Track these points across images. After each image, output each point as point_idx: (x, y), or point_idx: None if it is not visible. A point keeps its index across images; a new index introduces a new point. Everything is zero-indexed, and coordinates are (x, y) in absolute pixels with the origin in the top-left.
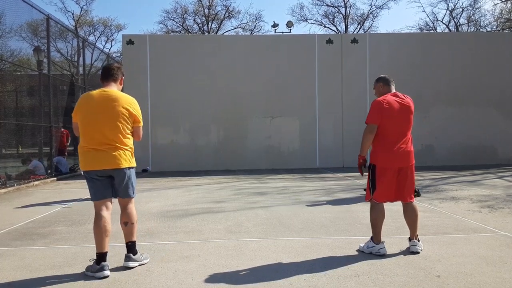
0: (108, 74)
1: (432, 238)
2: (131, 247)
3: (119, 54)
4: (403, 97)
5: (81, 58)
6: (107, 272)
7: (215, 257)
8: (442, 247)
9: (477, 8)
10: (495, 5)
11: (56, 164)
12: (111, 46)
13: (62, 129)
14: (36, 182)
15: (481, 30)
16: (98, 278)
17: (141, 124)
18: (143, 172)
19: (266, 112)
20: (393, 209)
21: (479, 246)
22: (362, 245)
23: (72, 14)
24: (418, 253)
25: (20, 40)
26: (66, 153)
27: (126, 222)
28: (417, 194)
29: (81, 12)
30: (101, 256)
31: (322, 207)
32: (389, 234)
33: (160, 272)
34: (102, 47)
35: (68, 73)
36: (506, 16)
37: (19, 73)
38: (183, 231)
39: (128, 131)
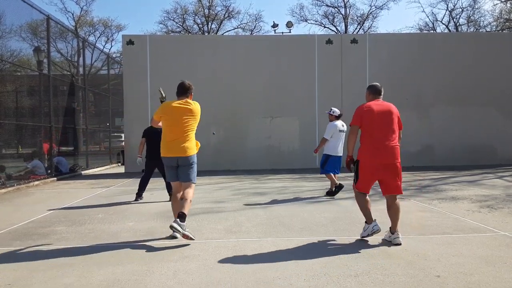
0: (185, 91)
1: (431, 238)
2: (181, 216)
3: (119, 55)
4: (386, 103)
5: (81, 59)
6: (178, 235)
7: (215, 257)
8: (442, 247)
9: (477, 8)
10: (494, 5)
11: (56, 164)
12: (111, 47)
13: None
14: (36, 182)
15: (480, 30)
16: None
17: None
18: (143, 172)
19: (266, 112)
20: None
21: (478, 246)
22: (361, 232)
23: (72, 14)
24: (400, 244)
25: (20, 41)
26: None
27: (182, 198)
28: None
29: (81, 12)
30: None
31: (322, 207)
32: None
33: (160, 272)
34: (102, 47)
35: (68, 73)
36: (506, 17)
37: (19, 74)
38: None
39: (195, 129)
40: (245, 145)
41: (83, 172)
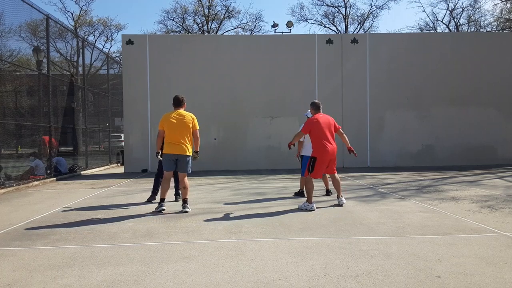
0: (179, 103)
1: (432, 238)
2: (185, 201)
3: (119, 54)
4: (326, 115)
5: (80, 58)
6: (164, 208)
7: (214, 257)
8: (442, 248)
9: (477, 8)
10: (495, 5)
11: (55, 164)
12: (111, 46)
13: (43, 136)
14: (36, 182)
15: (481, 30)
16: (159, 212)
17: (198, 128)
18: (142, 172)
19: (266, 112)
20: (394, 210)
21: (479, 247)
22: (300, 204)
23: (72, 14)
24: (343, 205)
25: (20, 40)
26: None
27: (184, 187)
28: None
29: (80, 12)
30: (162, 199)
31: (322, 207)
32: (389, 234)
33: (160, 272)
34: (101, 47)
35: (68, 73)
36: (506, 16)
37: (18, 73)
38: (183, 231)
39: (191, 134)
40: (245, 145)
41: (82, 172)
